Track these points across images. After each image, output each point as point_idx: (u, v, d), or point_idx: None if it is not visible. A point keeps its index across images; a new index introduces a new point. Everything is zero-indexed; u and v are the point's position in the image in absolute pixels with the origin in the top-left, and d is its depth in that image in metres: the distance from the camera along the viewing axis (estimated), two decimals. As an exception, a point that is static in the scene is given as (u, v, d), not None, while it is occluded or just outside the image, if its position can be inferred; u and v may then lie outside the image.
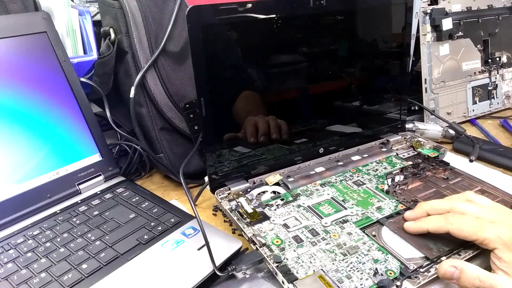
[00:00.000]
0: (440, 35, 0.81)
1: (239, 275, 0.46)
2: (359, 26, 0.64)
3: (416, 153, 0.66)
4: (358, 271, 0.43)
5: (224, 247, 0.47)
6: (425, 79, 0.81)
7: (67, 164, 0.57)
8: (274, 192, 0.57)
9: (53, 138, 0.56)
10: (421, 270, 0.43)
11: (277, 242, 0.47)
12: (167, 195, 0.64)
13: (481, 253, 0.46)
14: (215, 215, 0.58)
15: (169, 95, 0.62)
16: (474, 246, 0.45)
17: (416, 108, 0.83)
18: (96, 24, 0.67)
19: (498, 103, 0.91)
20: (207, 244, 0.44)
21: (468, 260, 0.45)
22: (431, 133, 0.76)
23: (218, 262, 0.44)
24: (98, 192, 0.58)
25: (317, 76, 0.63)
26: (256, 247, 0.46)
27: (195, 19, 0.47)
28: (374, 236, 0.48)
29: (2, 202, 0.51)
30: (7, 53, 0.53)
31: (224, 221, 0.55)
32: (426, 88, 0.81)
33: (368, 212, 0.52)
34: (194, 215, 0.48)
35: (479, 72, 0.88)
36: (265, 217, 0.51)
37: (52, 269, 0.44)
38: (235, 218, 0.51)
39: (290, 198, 0.55)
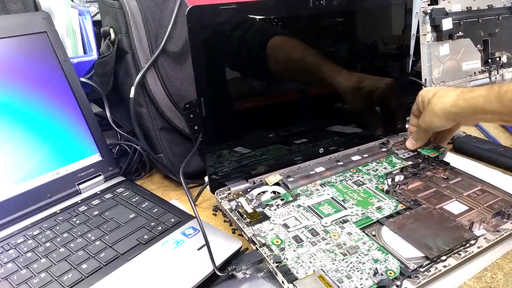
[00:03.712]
0: (440, 35, 0.81)
1: (239, 275, 0.46)
2: (359, 27, 0.64)
3: (416, 153, 0.66)
4: (358, 271, 0.43)
5: (224, 247, 0.47)
6: (425, 79, 0.81)
7: (67, 164, 0.57)
8: (274, 192, 0.57)
9: (53, 138, 0.56)
10: (421, 269, 0.43)
11: (277, 242, 0.47)
12: (167, 195, 0.64)
13: (481, 253, 0.46)
14: (215, 215, 0.58)
15: (169, 95, 0.62)
16: (474, 245, 0.45)
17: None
18: (96, 24, 0.67)
19: (498, 103, 0.91)
20: (207, 244, 0.44)
21: (468, 260, 0.45)
22: (431, 133, 0.75)
23: (218, 262, 0.44)
24: (98, 192, 0.58)
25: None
26: (256, 247, 0.46)
27: (195, 19, 0.47)
28: (374, 236, 0.48)
29: (2, 202, 0.51)
30: (7, 53, 0.54)
31: (224, 221, 0.55)
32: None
33: (368, 212, 0.52)
34: (194, 215, 0.48)
35: (479, 72, 0.88)
36: (265, 217, 0.51)
37: (52, 269, 0.44)
38: (235, 218, 0.51)
39: (290, 198, 0.55)
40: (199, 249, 0.46)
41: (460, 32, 0.84)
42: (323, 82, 0.61)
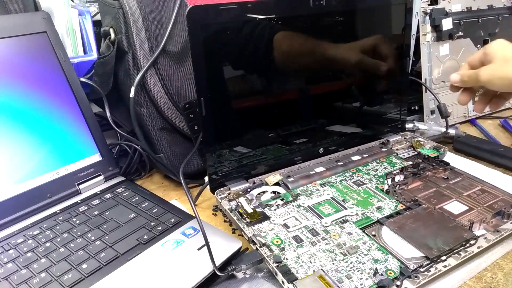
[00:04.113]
0: (440, 35, 0.81)
1: (239, 275, 0.46)
2: (359, 27, 0.64)
3: (416, 153, 0.66)
4: (358, 271, 0.43)
5: (224, 247, 0.47)
6: (425, 79, 0.81)
7: (67, 164, 0.57)
8: (274, 192, 0.57)
9: (53, 138, 0.56)
10: (421, 269, 0.43)
11: (277, 242, 0.47)
12: (167, 195, 0.64)
13: (481, 253, 0.46)
14: (215, 215, 0.58)
15: (169, 95, 0.62)
16: (474, 245, 0.45)
17: (416, 108, 0.83)
18: (96, 24, 0.67)
19: (498, 103, 0.91)
20: (207, 244, 0.44)
21: (468, 260, 0.45)
22: (431, 133, 0.75)
23: (218, 262, 0.44)
24: (98, 192, 0.58)
25: (317, 76, 0.63)
26: (256, 247, 0.46)
27: (195, 19, 0.47)
28: (374, 236, 0.48)
29: (2, 202, 0.51)
30: (7, 53, 0.53)
31: (224, 221, 0.55)
32: (426, 88, 0.81)
33: (368, 212, 0.52)
34: (194, 215, 0.48)
35: (479, 72, 0.88)
36: (265, 217, 0.51)
37: (52, 269, 0.44)
38: (235, 218, 0.51)
39: (290, 198, 0.55)
40: (199, 249, 0.46)
41: (460, 32, 0.84)
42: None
